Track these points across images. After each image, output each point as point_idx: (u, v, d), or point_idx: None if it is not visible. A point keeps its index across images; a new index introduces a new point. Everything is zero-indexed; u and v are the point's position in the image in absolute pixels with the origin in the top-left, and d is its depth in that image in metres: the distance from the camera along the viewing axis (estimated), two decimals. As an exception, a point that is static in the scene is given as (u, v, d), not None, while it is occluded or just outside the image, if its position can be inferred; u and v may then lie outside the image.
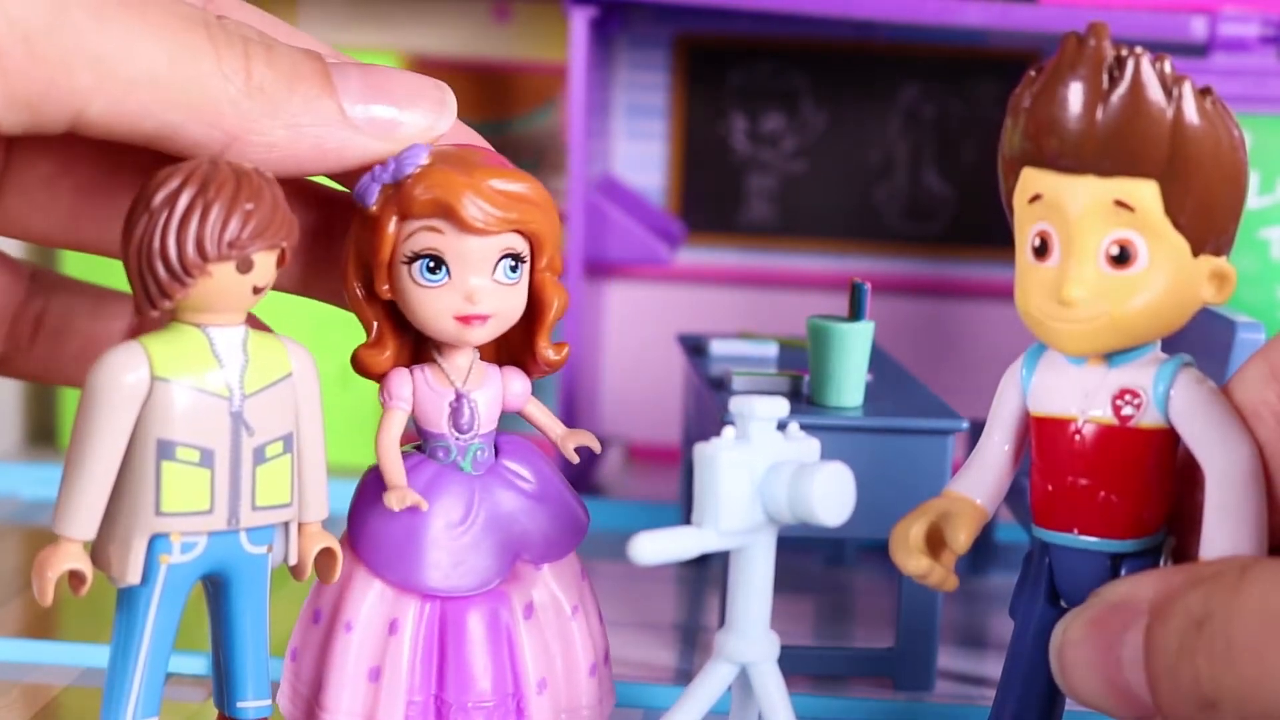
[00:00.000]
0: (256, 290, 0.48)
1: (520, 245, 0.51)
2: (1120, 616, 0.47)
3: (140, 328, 0.51)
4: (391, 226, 0.50)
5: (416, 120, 0.50)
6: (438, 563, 0.52)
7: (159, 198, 0.46)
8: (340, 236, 0.53)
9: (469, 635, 0.53)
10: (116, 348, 0.47)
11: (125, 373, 0.47)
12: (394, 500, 0.51)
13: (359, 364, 0.53)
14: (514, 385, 0.54)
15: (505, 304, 0.51)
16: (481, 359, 0.53)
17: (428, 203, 0.50)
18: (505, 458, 0.54)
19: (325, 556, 0.51)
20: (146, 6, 0.46)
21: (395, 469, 0.52)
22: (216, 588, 0.50)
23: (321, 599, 0.54)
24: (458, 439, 0.53)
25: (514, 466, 0.54)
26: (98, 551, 0.48)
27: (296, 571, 0.51)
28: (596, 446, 0.55)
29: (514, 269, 0.51)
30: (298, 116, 0.48)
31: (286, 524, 0.50)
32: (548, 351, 0.53)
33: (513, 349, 0.54)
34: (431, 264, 0.50)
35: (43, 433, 1.02)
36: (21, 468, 0.91)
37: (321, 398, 0.51)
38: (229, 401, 0.48)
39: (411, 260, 0.50)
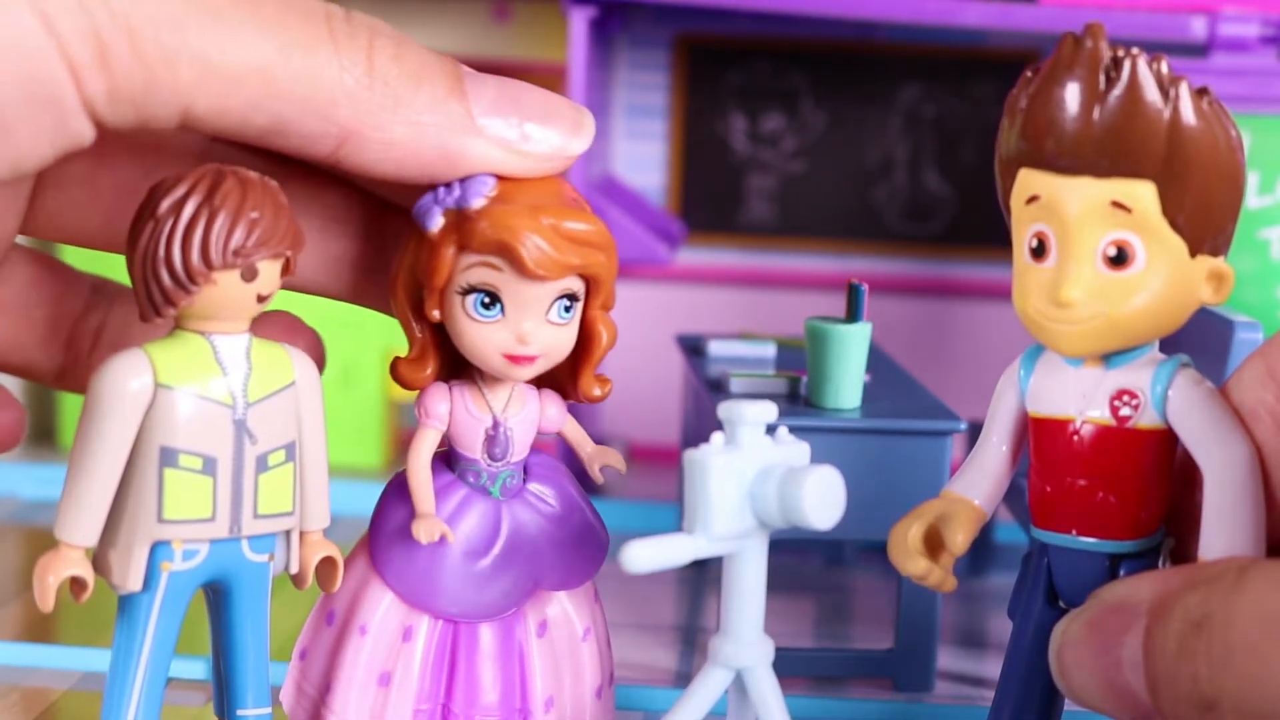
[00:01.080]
0: (261, 298, 0.48)
1: (577, 286, 0.50)
2: (1119, 618, 0.47)
3: None
4: (449, 255, 0.49)
5: (550, 138, 0.49)
6: (456, 590, 0.52)
7: (164, 205, 0.46)
8: (396, 246, 0.52)
9: (481, 648, 0.52)
10: (120, 354, 0.47)
11: (129, 380, 0.47)
12: (422, 533, 0.50)
13: (398, 376, 0.52)
14: (550, 410, 0.53)
15: (555, 343, 0.51)
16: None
17: (489, 240, 0.48)
18: (532, 479, 0.53)
19: (327, 565, 0.51)
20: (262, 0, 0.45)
21: (425, 494, 0.51)
22: (218, 595, 0.50)
23: (336, 601, 0.53)
24: (490, 465, 0.52)
25: (540, 490, 0.53)
26: (99, 558, 0.48)
27: (298, 580, 0.51)
28: (623, 467, 0.54)
29: (568, 309, 0.50)
30: (421, 114, 0.47)
31: (288, 532, 0.50)
32: (593, 389, 0.53)
33: (555, 374, 0.53)
34: (486, 299, 0.49)
35: (43, 433, 1.02)
36: (21, 468, 0.91)
37: (324, 405, 0.51)
38: (232, 409, 0.48)
39: (466, 292, 0.50)
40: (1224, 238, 0.49)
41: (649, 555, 0.48)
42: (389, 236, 0.53)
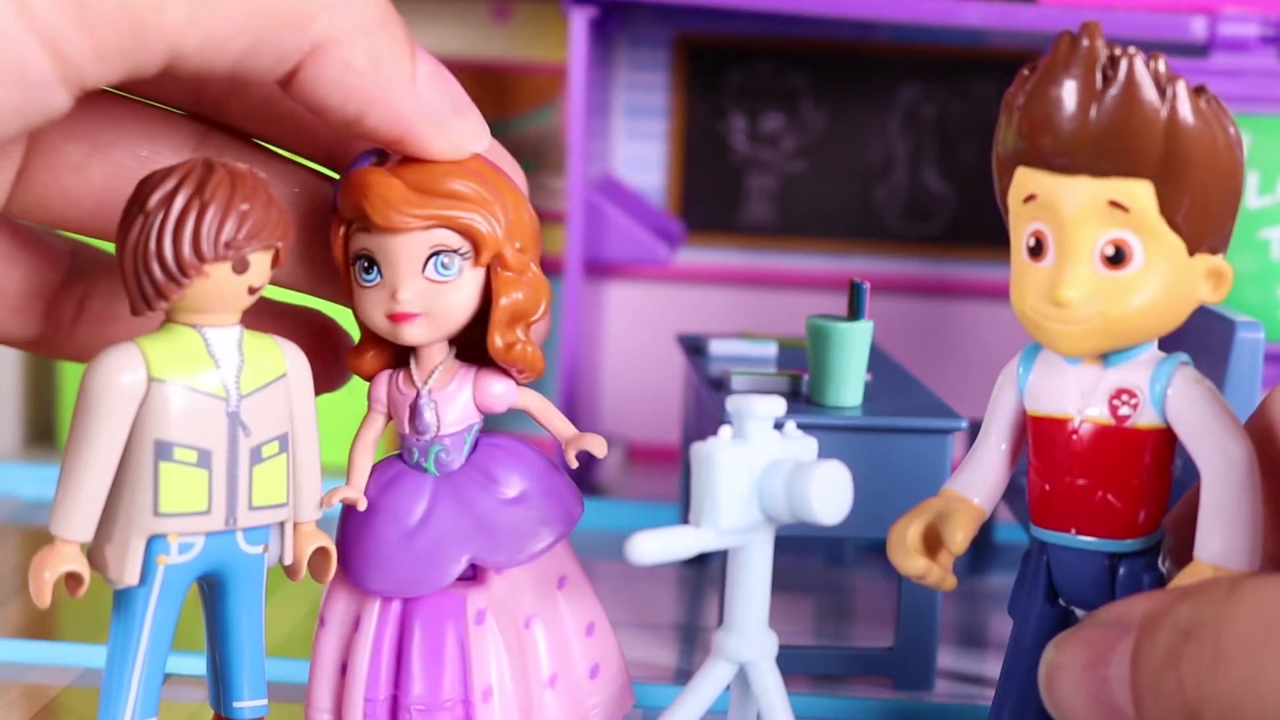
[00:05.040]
0: (252, 290, 0.48)
1: (454, 241, 0.50)
2: (1110, 635, 0.46)
3: None
4: (341, 229, 0.51)
5: (468, 125, 0.50)
6: (386, 562, 0.52)
7: (154, 199, 0.46)
8: None
9: (419, 638, 0.53)
10: (112, 349, 0.47)
11: (122, 374, 0.47)
12: (331, 498, 0.52)
13: (349, 367, 0.54)
14: (493, 386, 0.53)
15: (438, 302, 0.51)
16: (463, 359, 0.53)
17: (349, 203, 0.50)
18: (478, 458, 0.53)
19: (320, 556, 0.51)
20: None
21: (353, 469, 0.53)
22: (212, 588, 0.50)
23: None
24: (418, 440, 0.53)
25: (484, 468, 0.53)
26: (95, 553, 0.48)
27: (291, 571, 0.51)
28: (601, 452, 0.54)
29: (446, 266, 0.50)
30: (382, 52, 0.47)
31: (282, 524, 0.50)
32: (496, 341, 0.51)
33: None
34: (366, 264, 0.51)
35: (43, 433, 1.02)
36: (21, 468, 0.91)
37: (315, 398, 0.51)
38: (226, 402, 0.48)
39: (354, 261, 0.51)
40: (1222, 236, 0.49)
41: (655, 547, 0.48)
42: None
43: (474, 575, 0.54)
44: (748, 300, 1.02)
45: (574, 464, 0.54)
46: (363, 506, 0.52)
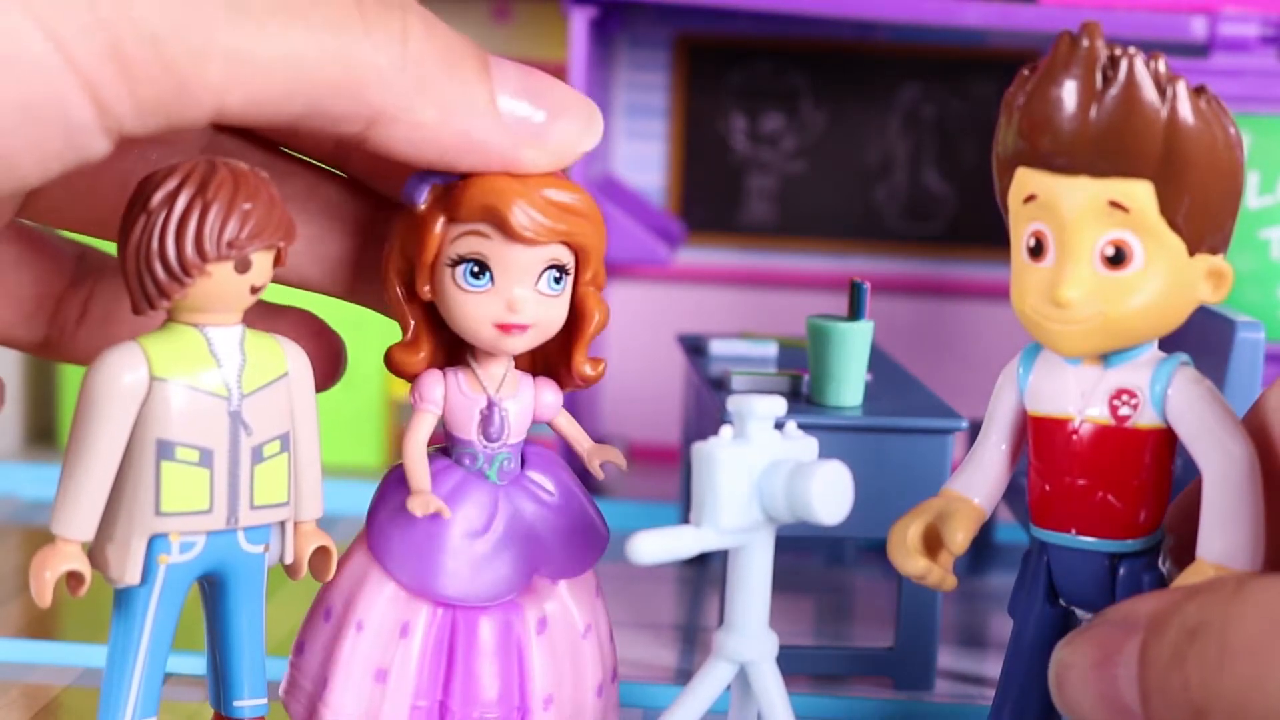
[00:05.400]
0: (254, 290, 0.48)
1: (566, 257, 0.51)
2: (1118, 633, 0.46)
3: None
4: (438, 227, 0.50)
5: (566, 130, 0.49)
6: (455, 571, 0.52)
7: (157, 198, 0.46)
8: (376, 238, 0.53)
9: (479, 644, 0.52)
10: (114, 348, 0.47)
11: (124, 373, 0.47)
12: (418, 506, 0.50)
13: (392, 362, 0.52)
14: (546, 396, 0.53)
15: (546, 315, 0.51)
16: (516, 368, 0.53)
17: (476, 207, 0.49)
18: (530, 468, 0.53)
19: (320, 555, 0.51)
20: None
21: (421, 473, 0.51)
22: (213, 587, 0.50)
23: (333, 596, 0.53)
24: (486, 447, 0.52)
25: (538, 478, 0.53)
26: (96, 552, 0.48)
27: (292, 570, 0.51)
28: (623, 464, 0.54)
29: (558, 280, 0.51)
30: (451, 99, 0.46)
31: (283, 523, 0.50)
32: (585, 367, 0.53)
33: (548, 360, 0.53)
34: (476, 269, 0.50)
35: (43, 433, 1.02)
36: (21, 468, 0.91)
37: (317, 397, 0.51)
38: (227, 401, 0.48)
39: (456, 263, 0.50)
40: (1223, 236, 0.49)
41: (655, 547, 0.48)
42: (384, 236, 0.53)
43: (527, 585, 0.53)
44: (748, 300, 1.02)
45: (600, 475, 0.54)
46: (448, 515, 0.51)
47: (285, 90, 0.44)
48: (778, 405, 0.50)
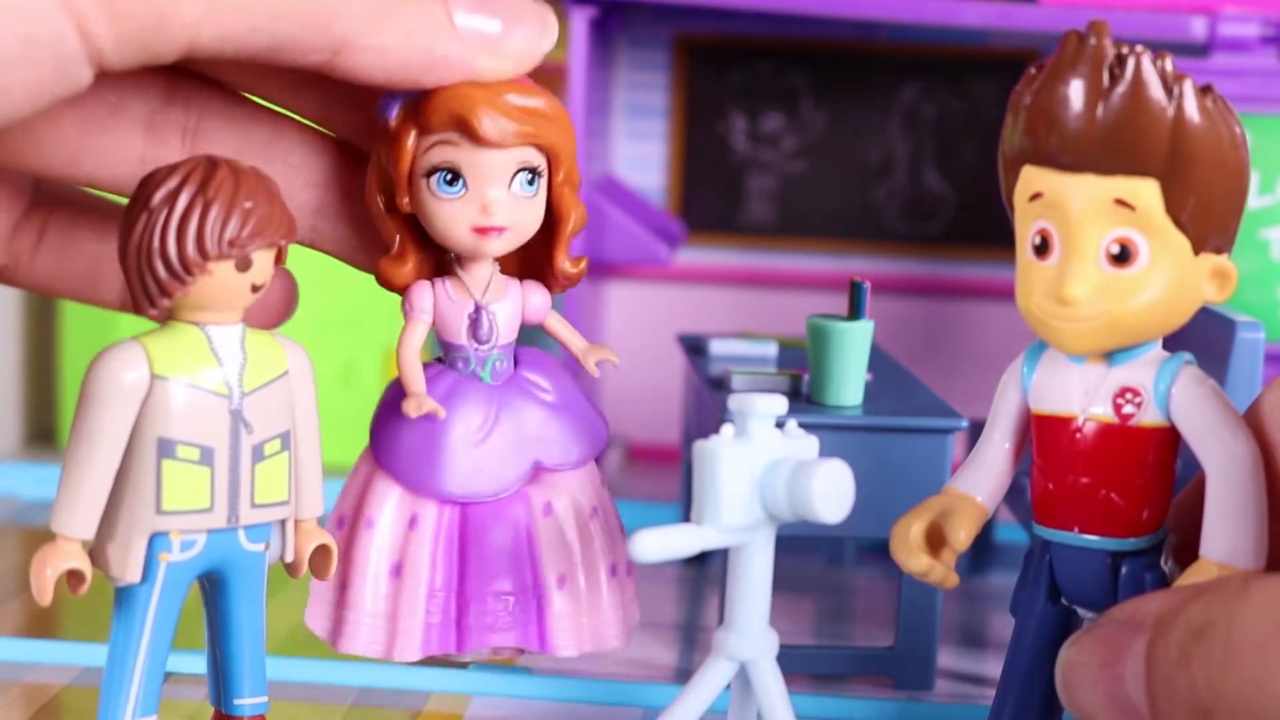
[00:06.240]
0: (255, 288, 0.48)
1: (536, 159, 0.52)
2: (1124, 633, 0.46)
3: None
4: (410, 140, 0.51)
5: (522, 36, 0.51)
6: (456, 469, 0.53)
7: (158, 196, 0.46)
8: (349, 189, 0.54)
9: (489, 531, 0.54)
10: (115, 346, 0.47)
11: (125, 371, 0.47)
12: (412, 407, 0.52)
13: (382, 277, 0.54)
14: (534, 299, 0.55)
15: (522, 216, 0.52)
16: (501, 272, 0.54)
17: (444, 117, 0.50)
18: (524, 369, 0.55)
19: (321, 553, 0.51)
20: None
21: (415, 377, 0.53)
22: (214, 586, 0.50)
23: (343, 504, 0.55)
24: (477, 349, 0.54)
25: (533, 377, 0.55)
26: (96, 550, 0.48)
27: (292, 569, 0.51)
28: (616, 360, 0.56)
29: (530, 182, 0.52)
30: (411, 22, 0.48)
31: (283, 521, 0.50)
32: (565, 264, 0.54)
33: (533, 262, 0.55)
34: (449, 177, 0.51)
35: (43, 433, 1.02)
36: (21, 468, 0.91)
37: (317, 396, 0.51)
38: (228, 399, 0.48)
39: (430, 173, 0.51)
40: (1228, 235, 0.49)
41: (657, 545, 0.48)
42: (344, 182, 0.54)
43: (532, 475, 0.55)
44: (748, 300, 1.02)
45: (595, 373, 0.56)
46: (443, 414, 0.53)
47: (254, 25, 0.45)
48: (779, 404, 0.50)
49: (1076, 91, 0.47)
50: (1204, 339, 0.63)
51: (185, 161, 0.47)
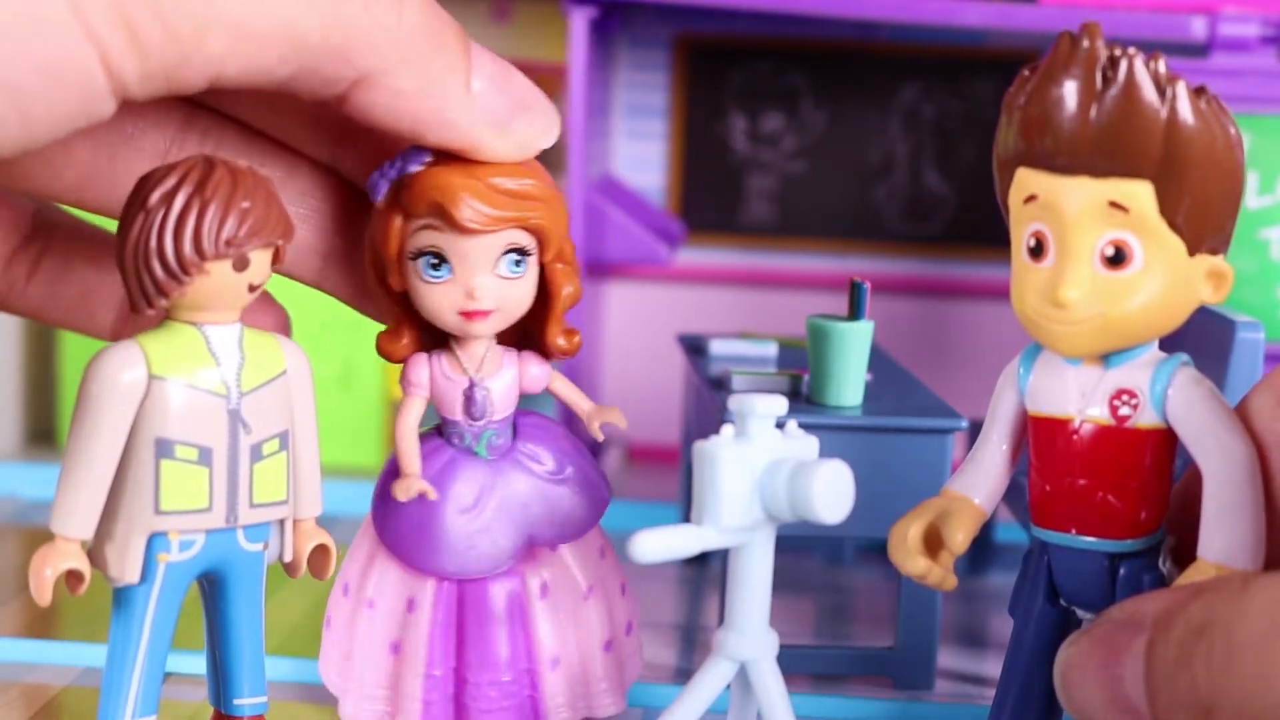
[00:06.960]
0: (252, 288, 0.48)
1: (524, 240, 0.52)
2: (1124, 632, 0.46)
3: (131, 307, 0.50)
4: (397, 223, 0.51)
5: (528, 124, 0.51)
6: (450, 547, 0.54)
7: (155, 197, 0.46)
8: (360, 235, 0.54)
9: (485, 612, 0.54)
10: (113, 347, 0.47)
11: (123, 372, 0.47)
12: (400, 490, 0.52)
13: (380, 350, 0.54)
14: (531, 369, 0.55)
15: (509, 297, 0.52)
16: (501, 343, 0.54)
17: (426, 203, 0.51)
18: (523, 439, 0.55)
19: (319, 553, 0.51)
20: None
21: (409, 456, 0.53)
22: (212, 586, 0.50)
23: (349, 572, 0.56)
24: (471, 425, 0.54)
25: (530, 449, 0.55)
26: (95, 550, 0.48)
27: (291, 568, 0.51)
28: (623, 423, 0.56)
29: (518, 263, 0.52)
30: (432, 73, 0.48)
31: (281, 521, 0.50)
32: (558, 340, 0.55)
33: (530, 333, 0.55)
34: (434, 261, 0.52)
35: (43, 433, 1.02)
36: (21, 468, 0.91)
37: (315, 396, 0.51)
38: (226, 399, 0.48)
39: (416, 256, 0.52)
40: (1223, 236, 0.49)
41: (657, 545, 0.48)
42: (354, 227, 0.54)
43: (527, 552, 0.55)
44: (748, 300, 1.02)
45: (599, 436, 0.56)
46: (434, 496, 0.53)
47: (280, 57, 0.45)
48: (779, 404, 0.50)
49: (1070, 94, 0.47)
50: (1203, 339, 0.63)
51: (182, 161, 0.47)
